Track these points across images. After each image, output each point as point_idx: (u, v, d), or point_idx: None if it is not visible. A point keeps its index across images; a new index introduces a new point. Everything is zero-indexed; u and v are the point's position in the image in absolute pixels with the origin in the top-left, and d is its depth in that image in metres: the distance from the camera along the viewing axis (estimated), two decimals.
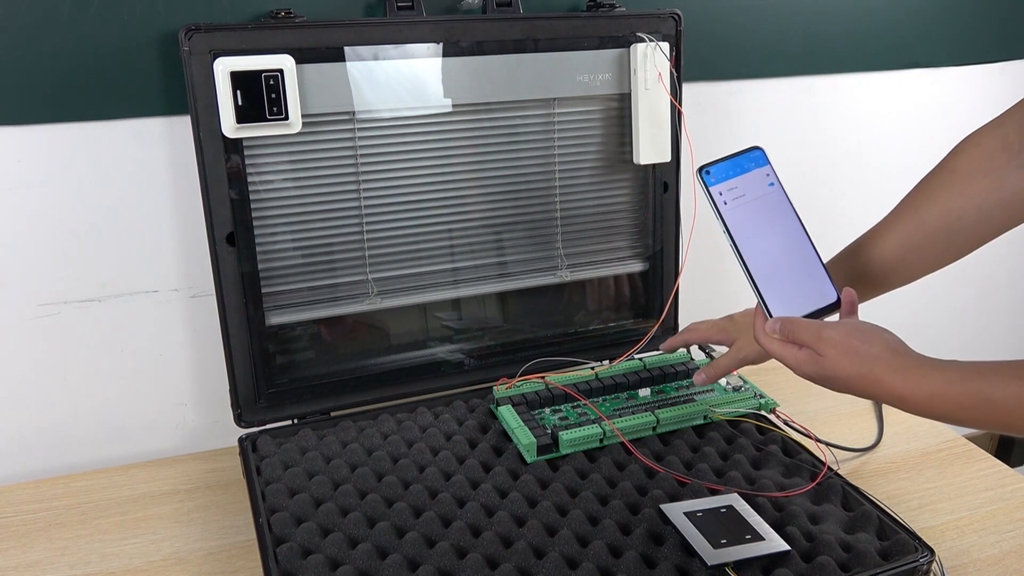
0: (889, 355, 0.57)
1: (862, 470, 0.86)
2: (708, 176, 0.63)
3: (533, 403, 0.86)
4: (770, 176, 0.65)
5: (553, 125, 0.92)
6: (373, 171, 0.86)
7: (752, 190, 0.64)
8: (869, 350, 0.57)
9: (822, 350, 0.59)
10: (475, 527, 0.71)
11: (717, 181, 0.63)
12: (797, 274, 0.64)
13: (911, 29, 1.14)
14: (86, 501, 0.83)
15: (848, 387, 0.59)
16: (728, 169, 0.64)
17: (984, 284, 1.37)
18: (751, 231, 0.63)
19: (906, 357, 0.57)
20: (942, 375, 0.54)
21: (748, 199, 0.64)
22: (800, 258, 0.64)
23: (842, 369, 0.58)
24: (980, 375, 0.53)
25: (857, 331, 0.59)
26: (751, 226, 0.63)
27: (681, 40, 0.92)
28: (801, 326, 0.61)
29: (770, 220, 0.64)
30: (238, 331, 0.84)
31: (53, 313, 0.87)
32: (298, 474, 0.77)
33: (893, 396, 0.56)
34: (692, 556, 0.66)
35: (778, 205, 0.65)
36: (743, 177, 0.64)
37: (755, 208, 0.64)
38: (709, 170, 0.64)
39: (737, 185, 0.64)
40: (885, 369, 0.56)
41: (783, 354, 0.62)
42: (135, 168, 0.85)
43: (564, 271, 0.97)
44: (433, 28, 0.84)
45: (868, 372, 0.57)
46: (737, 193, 0.63)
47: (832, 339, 0.58)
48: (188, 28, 0.75)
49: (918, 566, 0.66)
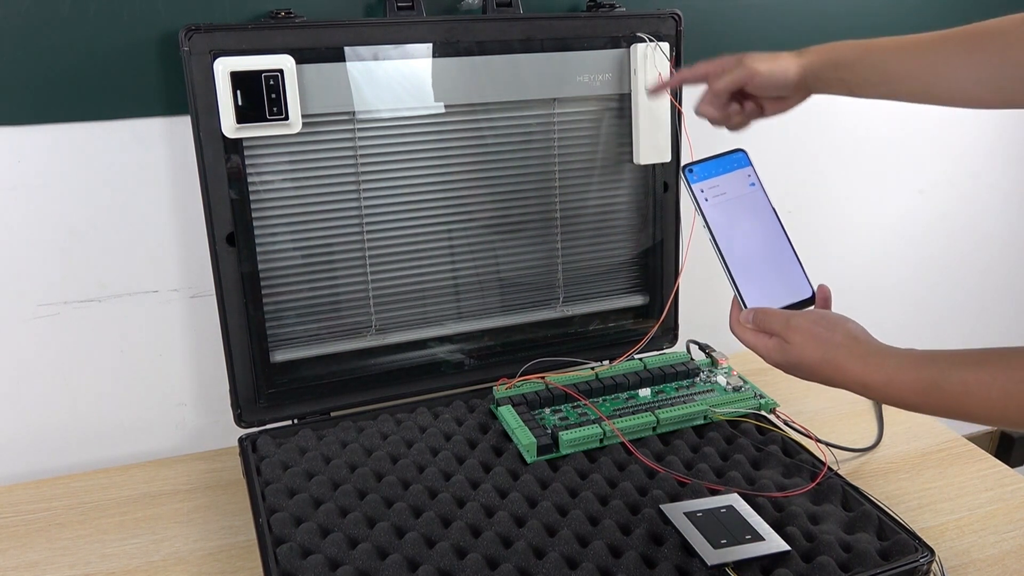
0: (851, 342, 0.59)
1: (862, 470, 0.86)
2: (691, 174, 0.67)
3: (533, 403, 0.86)
4: (751, 177, 0.68)
5: (553, 125, 0.92)
6: (373, 171, 0.86)
7: (733, 189, 0.67)
8: (832, 337, 0.59)
9: (789, 337, 0.61)
10: (475, 527, 0.71)
11: (700, 179, 0.67)
12: (773, 269, 0.66)
13: (911, 29, 1.13)
14: (86, 501, 0.83)
15: (813, 373, 0.61)
16: (711, 168, 0.67)
17: (983, 281, 1.37)
18: (730, 227, 0.66)
19: (867, 344, 0.59)
20: (898, 362, 0.56)
21: (729, 197, 0.67)
22: (777, 254, 0.67)
23: (807, 355, 0.60)
24: (932, 362, 0.54)
25: (822, 319, 0.61)
26: (730, 222, 0.66)
27: (681, 40, 0.92)
28: (771, 315, 0.63)
29: (749, 218, 0.67)
30: (238, 331, 0.84)
31: (53, 313, 0.87)
32: (298, 474, 0.77)
33: (853, 381, 0.58)
34: (692, 556, 0.66)
35: (757, 204, 0.68)
36: (725, 176, 0.67)
37: (735, 206, 0.67)
38: (693, 168, 0.67)
39: (719, 184, 0.67)
40: (847, 356, 0.58)
41: (755, 343, 0.64)
42: (135, 168, 0.85)
43: (560, 273, 0.97)
44: (433, 28, 0.84)
45: (831, 358, 0.59)
46: (719, 191, 0.67)
47: (798, 327, 0.61)
48: (188, 28, 0.75)
49: (918, 566, 0.66)
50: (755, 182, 0.68)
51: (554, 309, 0.98)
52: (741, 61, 0.73)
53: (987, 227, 1.33)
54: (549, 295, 0.97)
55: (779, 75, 0.71)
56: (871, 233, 1.25)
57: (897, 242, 1.27)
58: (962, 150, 1.26)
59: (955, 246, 1.32)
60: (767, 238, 0.67)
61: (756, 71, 0.72)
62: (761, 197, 0.68)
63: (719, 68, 0.74)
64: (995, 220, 1.34)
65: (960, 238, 1.32)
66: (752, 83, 0.72)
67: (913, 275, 1.31)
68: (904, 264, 1.29)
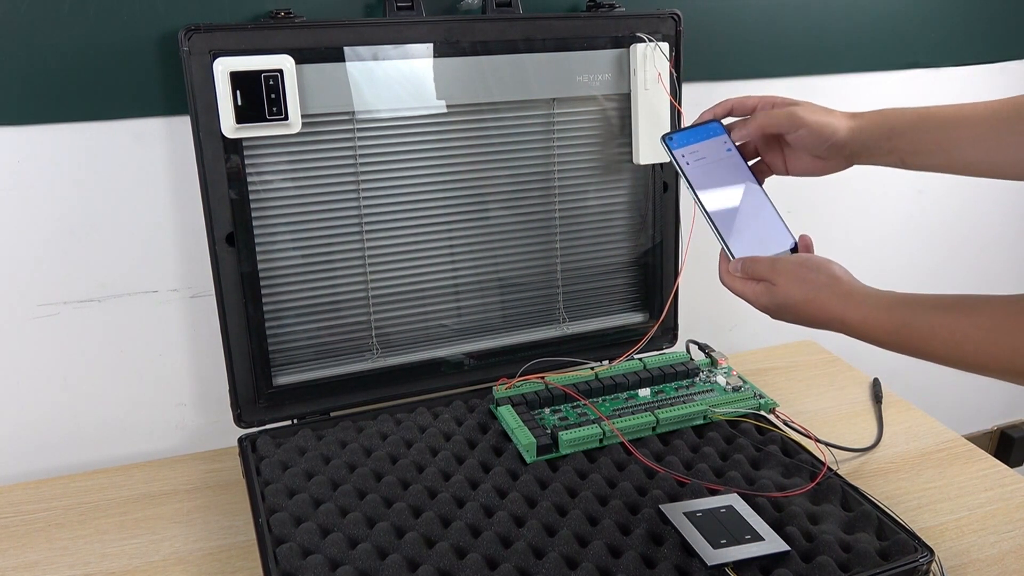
0: (832, 282, 0.61)
1: (862, 470, 0.86)
2: (671, 141, 0.71)
3: (533, 403, 0.86)
4: (727, 143, 0.72)
5: (553, 125, 0.92)
6: (372, 171, 0.86)
7: (711, 154, 0.71)
8: (816, 277, 0.62)
9: (775, 279, 0.63)
10: (475, 527, 0.71)
11: (680, 146, 0.71)
12: (756, 223, 0.70)
13: (911, 29, 1.14)
14: (86, 501, 0.83)
15: (798, 313, 0.63)
16: (689, 136, 0.72)
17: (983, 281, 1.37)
18: (712, 186, 0.70)
19: (848, 284, 0.61)
20: (875, 301, 0.58)
21: (708, 160, 0.71)
22: (758, 209, 0.70)
23: (791, 295, 0.62)
24: (905, 304, 0.57)
25: (807, 262, 0.64)
26: (711, 182, 0.70)
27: (681, 40, 0.92)
28: (758, 262, 0.66)
29: (729, 177, 0.71)
30: (238, 331, 0.84)
31: (52, 313, 0.87)
32: (298, 474, 0.77)
33: (834, 319, 0.60)
34: (692, 556, 0.66)
35: (736, 166, 0.71)
36: (703, 143, 0.72)
37: (715, 167, 0.71)
38: (672, 136, 0.72)
39: (698, 149, 0.71)
40: (828, 295, 0.61)
41: (743, 290, 0.66)
42: (135, 168, 0.86)
43: (560, 273, 0.97)
44: (433, 28, 0.84)
45: (814, 297, 0.61)
46: (698, 156, 0.71)
47: (783, 269, 0.64)
48: (188, 28, 0.75)
49: (918, 566, 0.66)
50: (731, 147, 0.72)
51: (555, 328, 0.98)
52: (791, 107, 0.70)
53: (987, 227, 1.33)
54: (549, 296, 0.97)
55: (827, 131, 0.68)
56: (871, 233, 1.25)
57: (897, 242, 1.27)
58: None
59: (955, 246, 1.32)
60: (747, 195, 0.70)
61: (804, 120, 0.68)
62: (738, 160, 0.71)
63: (768, 103, 0.72)
64: (995, 220, 1.34)
65: (960, 238, 1.32)
66: (795, 133, 0.69)
67: (913, 275, 1.31)
68: (904, 264, 1.29)
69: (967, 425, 1.45)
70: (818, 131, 0.68)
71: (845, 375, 1.07)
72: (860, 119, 0.69)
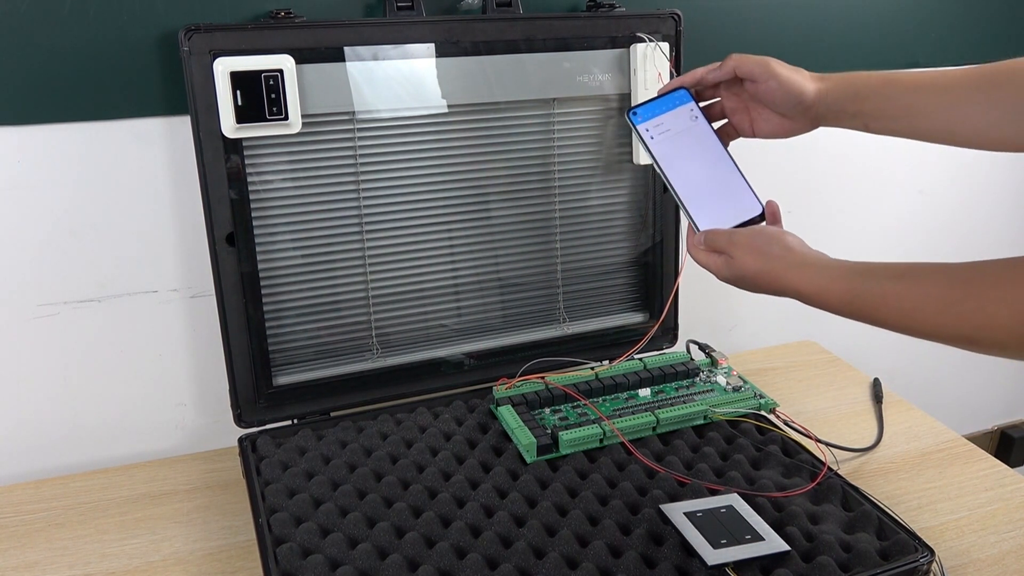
0: (786, 253, 0.62)
1: (862, 470, 0.86)
2: (635, 116, 0.71)
3: (533, 403, 0.86)
4: (694, 111, 0.71)
5: (553, 125, 0.92)
6: (373, 171, 0.86)
7: (677, 124, 0.71)
8: (770, 249, 0.63)
9: (732, 252, 0.64)
10: (475, 527, 0.71)
11: (644, 120, 0.71)
12: (722, 192, 0.70)
13: (911, 29, 1.14)
14: (86, 501, 0.83)
15: (756, 284, 0.64)
16: (654, 108, 0.71)
17: None
18: (677, 159, 0.70)
19: (801, 255, 0.62)
20: (829, 272, 0.59)
21: (673, 132, 0.71)
22: (725, 178, 0.70)
23: (747, 267, 0.63)
24: (858, 272, 0.57)
25: (762, 234, 0.65)
26: (677, 154, 0.70)
27: (681, 40, 0.92)
28: (718, 235, 0.67)
29: (694, 148, 0.70)
30: (238, 331, 0.84)
31: (52, 313, 0.87)
32: (298, 474, 0.77)
33: (790, 290, 0.61)
34: (692, 556, 0.66)
35: (702, 135, 0.71)
36: (669, 114, 0.71)
37: (681, 139, 0.71)
38: (636, 111, 0.71)
39: (663, 121, 0.71)
40: (783, 266, 0.61)
41: (707, 262, 0.67)
42: (135, 168, 0.86)
43: (560, 273, 0.97)
44: (433, 28, 0.84)
45: (770, 269, 0.62)
46: (663, 128, 0.71)
47: (739, 242, 0.65)
48: (188, 28, 0.75)
49: (918, 566, 0.66)
50: (698, 115, 0.71)
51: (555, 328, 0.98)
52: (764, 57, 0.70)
53: (987, 227, 1.33)
54: (549, 296, 0.97)
55: (796, 88, 0.68)
56: (871, 233, 1.25)
57: (897, 242, 1.27)
58: (962, 150, 1.26)
59: (955, 246, 1.32)
60: (715, 165, 0.70)
61: (776, 72, 0.69)
62: (705, 128, 0.71)
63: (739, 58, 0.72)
64: (995, 220, 1.34)
65: (960, 238, 1.32)
66: (765, 84, 0.69)
67: None
68: None
69: (967, 425, 1.45)
70: (788, 85, 0.68)
71: (845, 375, 1.07)
72: (827, 81, 0.69)
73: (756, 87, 0.70)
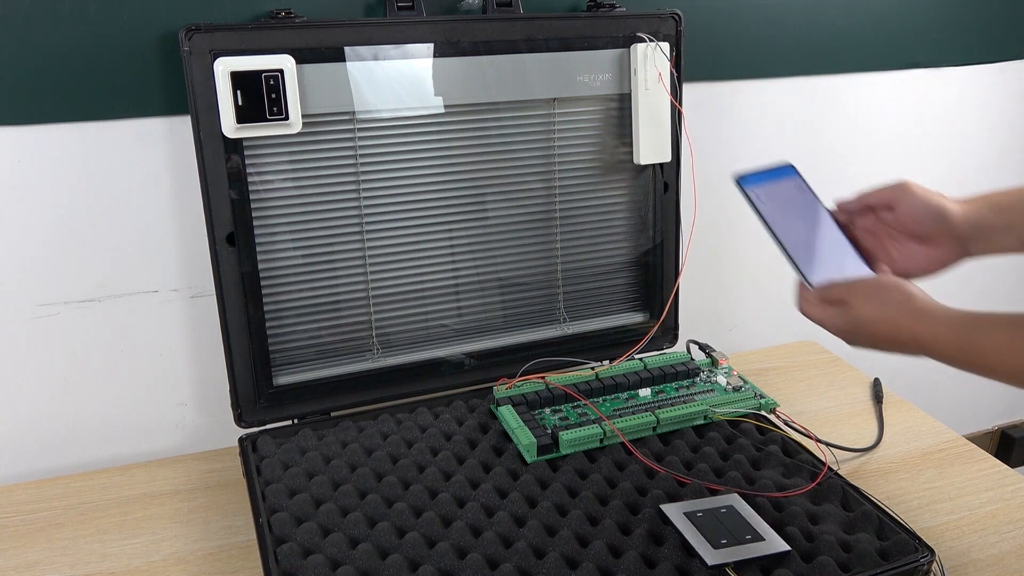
0: (906, 299, 0.62)
1: (862, 470, 0.86)
2: (744, 181, 0.72)
3: (533, 403, 0.86)
4: (800, 184, 0.73)
5: (553, 125, 0.92)
6: (373, 171, 0.86)
7: (784, 193, 0.72)
8: (891, 295, 0.63)
9: (851, 300, 0.64)
10: (475, 527, 0.71)
11: (752, 185, 0.71)
12: (830, 253, 0.70)
13: (911, 29, 1.14)
14: (86, 501, 0.83)
15: (875, 334, 0.63)
16: (762, 177, 0.72)
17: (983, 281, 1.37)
18: (785, 221, 0.70)
19: (922, 302, 0.62)
20: (945, 318, 0.59)
21: (781, 198, 0.72)
22: (832, 240, 0.71)
23: (867, 315, 0.63)
24: (973, 320, 0.58)
25: (881, 280, 0.65)
26: (784, 217, 0.70)
27: (681, 40, 0.92)
28: (836, 285, 0.66)
29: (802, 212, 0.72)
30: (238, 331, 0.84)
31: (53, 313, 0.87)
32: (298, 474, 0.77)
33: (908, 337, 0.61)
34: (692, 556, 0.66)
35: (810, 202, 0.73)
36: (776, 183, 0.72)
37: (788, 204, 0.72)
38: (745, 177, 0.72)
39: (771, 188, 0.72)
40: (903, 312, 0.61)
41: (822, 316, 0.66)
42: (135, 168, 0.85)
43: (560, 273, 0.97)
44: (433, 28, 0.84)
45: (888, 315, 0.62)
46: (771, 194, 0.71)
47: (859, 290, 0.64)
48: (188, 28, 0.75)
49: (918, 566, 0.66)
50: (805, 188, 0.73)
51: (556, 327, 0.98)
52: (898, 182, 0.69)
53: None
54: (549, 296, 0.97)
55: (935, 202, 0.67)
56: None
57: None
58: (962, 150, 1.27)
59: None
60: (822, 229, 0.71)
61: (911, 189, 0.68)
62: (812, 198, 0.72)
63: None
64: None
65: None
66: (902, 205, 0.68)
67: None
68: None
69: (967, 425, 1.45)
70: (927, 202, 0.67)
71: (845, 375, 1.07)
72: (969, 202, 0.68)
73: (894, 213, 0.69)
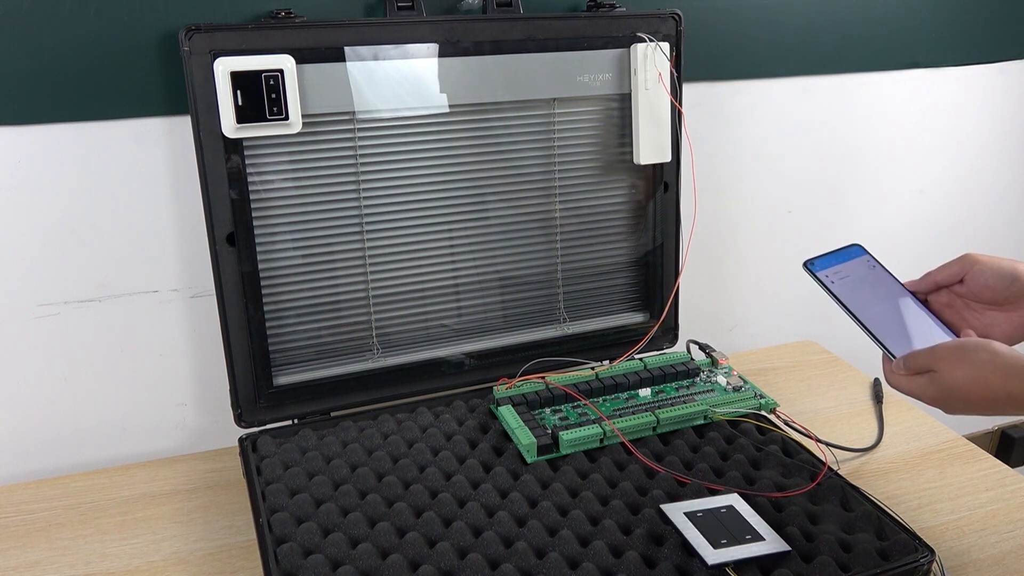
0: (993, 357, 0.60)
1: (862, 470, 0.86)
2: (813, 265, 0.74)
3: (533, 403, 0.86)
4: (871, 262, 0.76)
5: (553, 125, 0.92)
6: (373, 171, 0.86)
7: (855, 272, 0.74)
8: (977, 355, 0.61)
9: (937, 366, 0.63)
10: (476, 527, 0.71)
11: (822, 268, 0.74)
12: (911, 326, 0.71)
13: (911, 29, 1.14)
14: (86, 501, 0.83)
15: (966, 397, 0.62)
16: (830, 259, 0.75)
17: None
18: (860, 298, 0.71)
19: (1011, 358, 0.60)
20: None
21: (853, 277, 0.73)
22: (913, 314, 0.72)
23: (956, 378, 0.62)
24: None
25: (965, 343, 0.63)
26: (859, 295, 0.72)
27: (681, 40, 0.92)
28: (919, 353, 0.65)
29: (877, 289, 0.73)
30: (238, 331, 0.84)
31: (53, 313, 0.87)
32: (298, 474, 0.77)
33: (1003, 395, 0.59)
34: (692, 556, 0.66)
35: (882, 278, 0.74)
36: (845, 264, 0.75)
37: (861, 283, 0.73)
38: (814, 261, 0.74)
39: (840, 269, 0.74)
40: (992, 370, 0.60)
41: (910, 387, 0.66)
42: (135, 168, 0.85)
43: (560, 273, 0.97)
44: (433, 28, 0.84)
45: (979, 375, 0.60)
46: (842, 275, 0.73)
47: (944, 355, 0.63)
48: (188, 28, 0.75)
49: (918, 566, 0.66)
50: (876, 265, 0.75)
51: (556, 328, 0.98)
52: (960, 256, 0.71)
53: (987, 227, 1.34)
54: (549, 296, 0.97)
55: (1004, 266, 0.69)
56: (871, 233, 1.25)
57: (898, 242, 1.27)
58: (962, 150, 1.27)
59: (955, 245, 1.32)
60: (899, 302, 0.72)
61: (977, 258, 0.70)
62: (884, 273, 0.74)
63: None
64: (995, 220, 1.34)
65: (960, 238, 1.32)
66: (970, 276, 0.70)
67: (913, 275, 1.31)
68: (905, 264, 1.29)
69: (967, 425, 1.45)
70: (995, 267, 0.69)
71: (845, 375, 1.07)
72: None
73: (966, 286, 0.71)
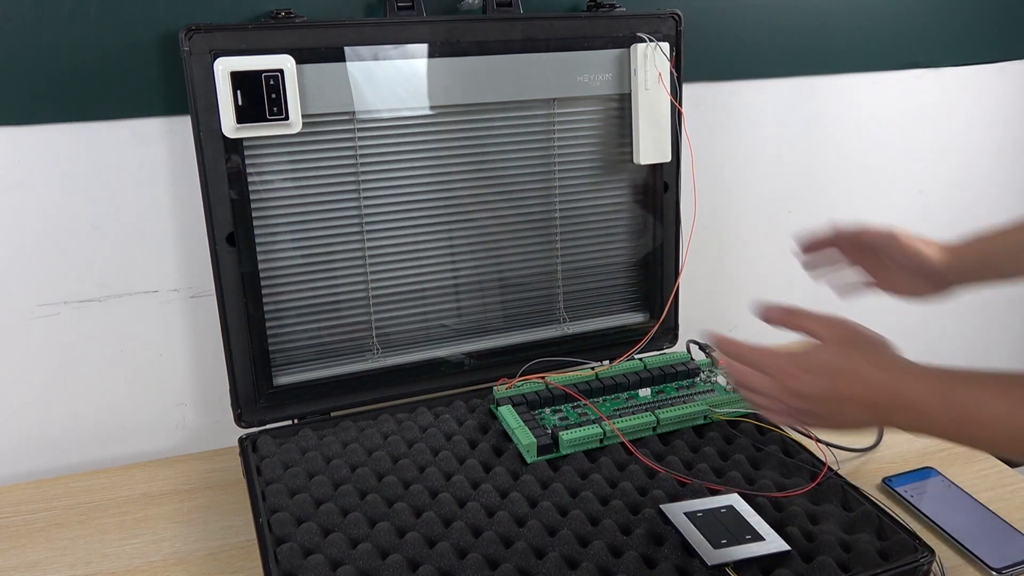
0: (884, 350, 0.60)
1: (862, 470, 0.86)
2: (892, 483, 0.82)
3: (533, 403, 0.86)
4: (944, 480, 0.83)
5: (553, 125, 0.92)
6: (373, 171, 0.86)
7: (932, 488, 0.81)
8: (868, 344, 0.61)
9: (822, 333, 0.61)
10: (475, 527, 0.71)
11: (900, 485, 0.82)
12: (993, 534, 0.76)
13: (911, 29, 1.14)
14: (86, 501, 0.83)
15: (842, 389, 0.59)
16: (908, 478, 0.83)
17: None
18: (943, 512, 0.78)
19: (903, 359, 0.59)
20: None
21: (929, 493, 0.81)
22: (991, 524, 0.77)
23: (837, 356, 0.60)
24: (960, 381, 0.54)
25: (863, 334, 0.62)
26: (941, 508, 0.78)
27: (681, 40, 0.92)
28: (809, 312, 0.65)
29: (954, 501, 0.80)
30: (238, 331, 0.84)
31: (53, 313, 0.87)
32: (298, 474, 0.77)
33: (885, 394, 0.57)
34: (692, 556, 0.66)
35: (957, 494, 0.81)
36: (921, 482, 0.82)
37: (939, 497, 0.80)
38: (892, 479, 0.82)
39: (917, 486, 0.82)
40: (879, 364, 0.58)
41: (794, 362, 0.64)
42: (135, 168, 0.85)
43: (560, 273, 0.97)
44: (433, 28, 0.84)
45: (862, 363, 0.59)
46: (920, 490, 0.81)
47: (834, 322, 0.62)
48: (188, 28, 0.75)
49: (918, 566, 0.66)
50: (949, 483, 0.82)
51: (556, 328, 0.98)
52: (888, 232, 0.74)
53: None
54: (549, 296, 0.97)
55: (924, 250, 0.73)
56: None
57: None
58: (962, 150, 1.27)
59: None
60: (978, 514, 0.78)
61: (900, 242, 0.73)
62: (957, 491, 0.81)
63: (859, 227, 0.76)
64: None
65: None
66: (890, 248, 0.74)
67: None
68: None
69: None
70: (913, 258, 0.73)
71: None
72: (954, 252, 0.73)
73: (882, 256, 0.75)
